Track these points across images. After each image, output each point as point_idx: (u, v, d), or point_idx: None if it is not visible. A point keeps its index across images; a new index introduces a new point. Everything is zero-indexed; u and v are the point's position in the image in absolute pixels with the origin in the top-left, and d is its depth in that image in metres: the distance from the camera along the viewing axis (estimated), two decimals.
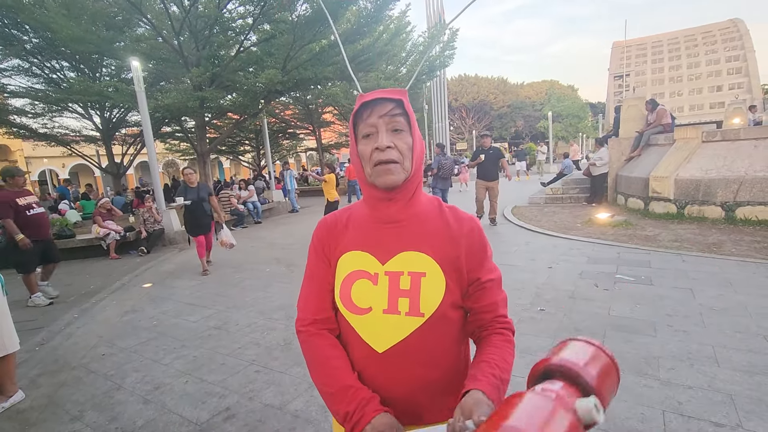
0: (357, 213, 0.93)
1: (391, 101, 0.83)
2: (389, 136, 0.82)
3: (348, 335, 0.88)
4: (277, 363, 2.96)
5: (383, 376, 0.83)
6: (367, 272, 0.85)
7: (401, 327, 0.81)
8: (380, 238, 0.87)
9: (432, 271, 0.83)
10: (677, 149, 7.28)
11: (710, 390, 2.26)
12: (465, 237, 0.87)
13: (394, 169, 0.82)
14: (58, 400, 2.69)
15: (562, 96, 53.11)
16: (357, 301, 0.84)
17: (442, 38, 17.52)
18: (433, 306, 0.81)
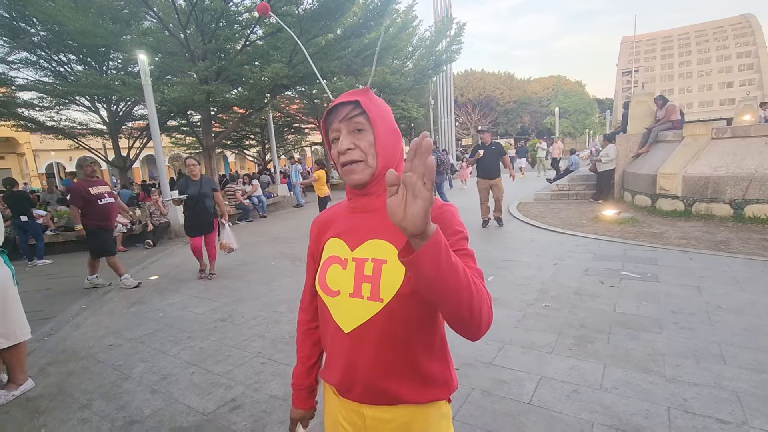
0: (342, 206, 1.01)
1: (350, 104, 0.87)
2: (350, 137, 0.87)
3: (323, 315, 0.95)
4: (282, 355, 2.98)
5: (349, 354, 0.89)
6: (339, 258, 0.92)
7: (364, 310, 0.86)
8: (353, 226, 0.94)
9: (393, 258, 0.85)
10: (686, 146, 7.19)
11: (716, 387, 2.25)
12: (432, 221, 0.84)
13: (356, 169, 0.87)
14: (67, 389, 2.73)
15: (569, 92, 52.61)
16: (330, 284, 0.91)
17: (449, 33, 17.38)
18: (391, 292, 0.84)
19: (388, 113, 0.92)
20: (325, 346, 0.98)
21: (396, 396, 0.87)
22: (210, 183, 5.25)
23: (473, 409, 2.19)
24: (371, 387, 0.88)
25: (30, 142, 23.59)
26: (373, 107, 0.88)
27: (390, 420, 0.89)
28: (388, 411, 0.89)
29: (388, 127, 0.90)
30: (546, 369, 2.55)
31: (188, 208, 5.17)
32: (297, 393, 1.08)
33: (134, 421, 2.31)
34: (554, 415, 2.10)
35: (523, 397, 2.28)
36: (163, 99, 9.33)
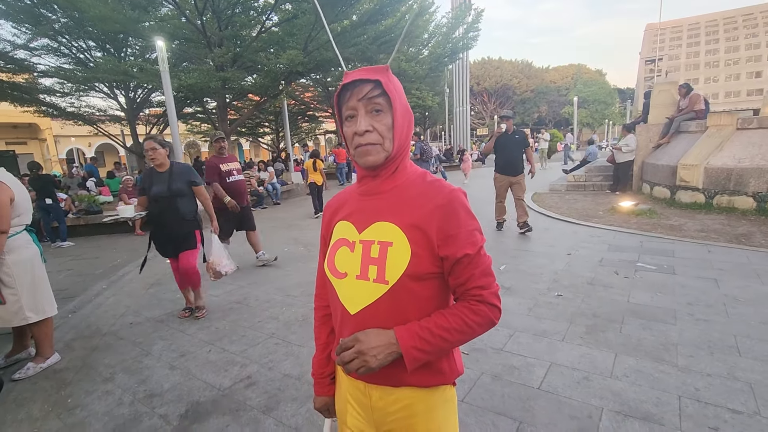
0: (352, 189, 1.01)
1: (369, 82, 0.84)
2: (368, 118, 0.85)
3: (332, 296, 0.96)
4: (295, 337, 3.05)
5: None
6: (347, 240, 0.93)
7: (370, 292, 0.86)
8: (361, 209, 0.94)
9: (398, 240, 0.85)
10: (709, 136, 6.98)
11: (729, 378, 2.23)
12: (439, 209, 0.86)
13: (372, 150, 0.86)
14: (91, 363, 2.85)
15: (589, 81, 51.32)
16: (338, 266, 0.92)
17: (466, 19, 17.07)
18: (396, 274, 0.84)
19: (403, 93, 0.91)
20: (335, 327, 0.99)
21: (400, 378, 0.88)
22: (185, 174, 3.47)
23: (483, 393, 2.22)
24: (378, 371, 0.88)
25: (51, 128, 24.15)
26: (393, 88, 0.86)
27: (395, 401, 0.91)
28: (392, 392, 0.90)
29: (404, 109, 0.89)
30: (557, 356, 2.55)
31: (153, 216, 3.46)
32: (318, 381, 1.09)
33: (154, 394, 2.41)
34: (563, 401, 2.12)
35: (532, 382, 2.29)
36: (179, 85, 9.44)
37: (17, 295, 2.63)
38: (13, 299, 2.62)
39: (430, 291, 0.88)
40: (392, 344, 0.81)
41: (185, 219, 3.46)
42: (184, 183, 3.46)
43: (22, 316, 2.66)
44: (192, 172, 3.57)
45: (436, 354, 0.84)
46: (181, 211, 3.42)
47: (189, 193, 3.50)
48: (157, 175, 3.41)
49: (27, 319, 2.68)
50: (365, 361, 0.80)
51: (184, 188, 3.45)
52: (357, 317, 0.88)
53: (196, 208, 3.59)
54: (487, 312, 0.86)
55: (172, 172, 3.42)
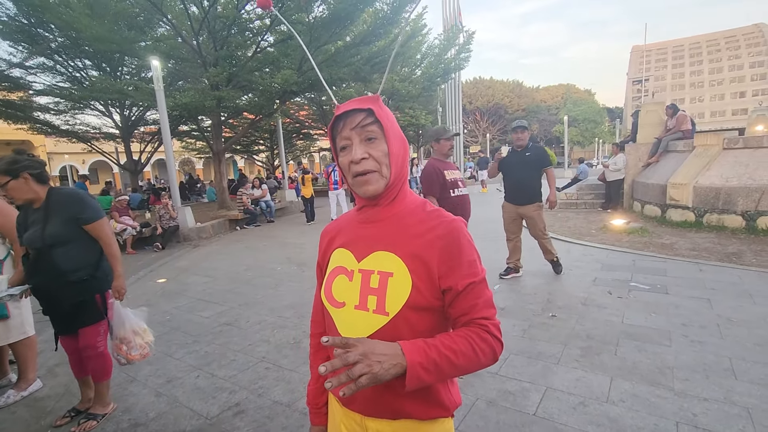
0: (351, 215, 0.99)
1: (362, 111, 0.84)
2: (363, 146, 0.84)
3: (329, 325, 0.94)
4: (286, 361, 2.98)
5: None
6: (345, 269, 0.91)
7: (369, 323, 0.84)
8: (360, 236, 0.92)
9: (399, 271, 0.84)
10: (697, 156, 7.12)
11: (726, 403, 2.20)
12: (440, 239, 0.84)
13: (371, 179, 0.85)
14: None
15: (578, 100, 52.48)
16: (336, 295, 0.90)
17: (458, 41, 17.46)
18: (397, 306, 0.82)
19: (395, 122, 0.91)
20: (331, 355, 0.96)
21: (398, 410, 0.86)
22: (67, 207, 2.20)
23: (477, 420, 2.17)
24: (374, 400, 0.87)
25: (45, 145, 24.04)
26: (384, 116, 0.86)
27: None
28: (389, 425, 0.88)
29: (398, 136, 0.89)
30: (552, 380, 2.52)
31: (27, 274, 2.26)
32: (314, 411, 1.06)
33: (139, 423, 2.33)
34: (560, 428, 2.08)
35: (528, 408, 2.25)
36: (174, 104, 9.48)
37: (20, 308, 2.64)
38: (17, 312, 2.63)
39: (429, 323, 0.86)
40: (398, 356, 0.74)
41: (69, 280, 2.17)
42: (65, 222, 2.16)
43: (22, 330, 2.66)
44: (80, 203, 2.21)
45: (440, 377, 0.78)
46: (61, 267, 2.15)
47: (75, 238, 2.18)
48: (32, 213, 2.20)
49: (26, 333, 2.67)
50: (369, 366, 0.70)
51: (64, 231, 2.15)
52: None
53: (93, 259, 2.25)
54: (492, 342, 0.82)
55: (48, 206, 2.17)
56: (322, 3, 9.98)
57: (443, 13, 23.71)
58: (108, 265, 2.31)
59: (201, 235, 9.03)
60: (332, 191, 10.15)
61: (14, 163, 2.08)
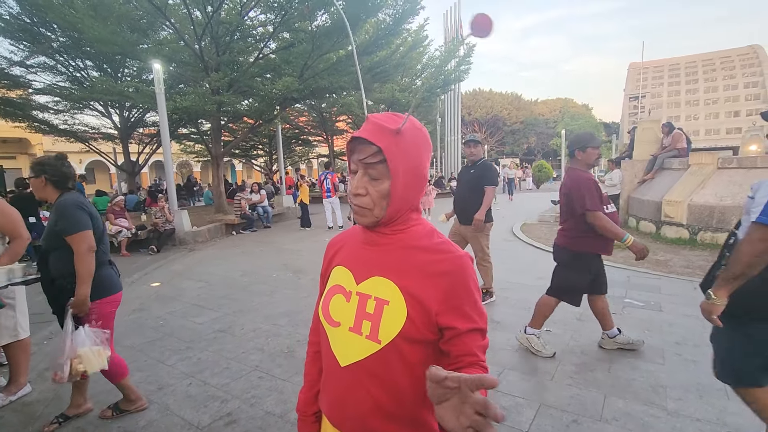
0: (357, 231, 0.96)
1: (372, 146, 0.80)
2: (364, 180, 0.82)
3: (323, 342, 0.94)
4: (280, 370, 2.96)
5: (341, 388, 0.88)
6: (343, 288, 0.90)
7: (361, 347, 0.84)
8: (361, 258, 0.91)
9: (395, 300, 0.82)
10: (692, 174, 7.20)
11: (719, 424, 2.21)
12: (445, 276, 0.81)
13: (364, 213, 0.85)
14: (64, 395, 2.71)
15: (576, 114, 53.04)
16: (332, 314, 0.90)
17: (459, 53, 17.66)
18: (389, 335, 0.81)
19: (416, 156, 0.83)
20: (323, 373, 0.97)
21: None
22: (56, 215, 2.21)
23: None
24: (361, 425, 0.86)
25: (42, 144, 23.93)
26: (398, 154, 0.80)
27: None
28: None
29: (410, 176, 0.82)
30: (546, 396, 2.51)
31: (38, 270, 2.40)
32: (303, 419, 1.05)
33: (128, 431, 2.30)
34: None
35: (522, 425, 2.24)
36: (174, 107, 9.50)
37: (14, 309, 2.63)
38: (11, 314, 2.62)
39: (422, 355, 0.83)
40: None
41: (58, 284, 2.24)
42: (51, 229, 2.21)
43: (14, 332, 2.64)
44: (60, 213, 2.18)
45: None
46: (51, 272, 2.26)
47: (61, 245, 2.18)
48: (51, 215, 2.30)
49: (17, 336, 2.66)
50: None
51: (52, 237, 2.20)
52: (346, 370, 0.86)
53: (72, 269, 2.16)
54: None
55: (53, 211, 2.25)
56: (325, 12, 10.09)
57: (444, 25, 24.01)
58: (99, 275, 2.24)
59: (197, 239, 8.98)
60: (326, 199, 10.17)
61: (40, 164, 2.26)
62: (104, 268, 2.31)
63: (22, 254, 2.62)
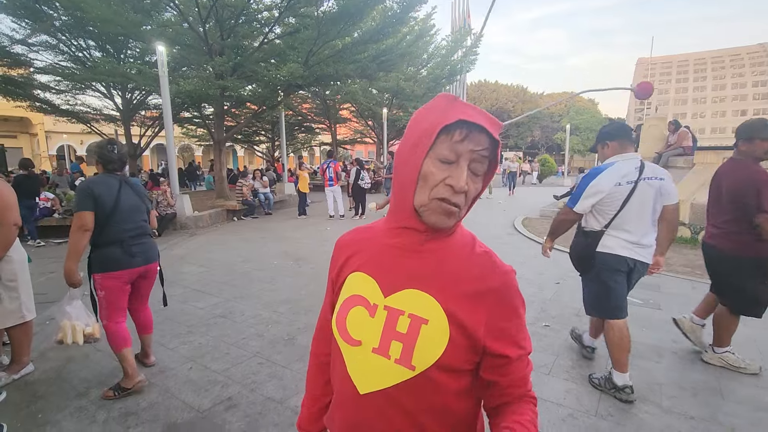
0: (378, 231, 0.82)
1: (490, 138, 0.69)
2: (468, 176, 0.69)
3: (336, 361, 0.80)
4: (280, 357, 2.99)
5: (359, 418, 0.75)
6: (368, 301, 0.75)
7: (388, 373, 0.70)
8: (389, 264, 0.76)
9: (436, 320, 0.69)
10: (696, 173, 7.17)
11: (713, 422, 2.23)
12: (493, 292, 0.71)
13: (453, 213, 0.70)
14: (66, 376, 2.75)
15: (581, 109, 52.58)
16: (350, 330, 0.75)
17: (465, 43, 17.45)
18: (427, 361, 0.68)
19: None
20: (335, 401, 0.83)
21: None
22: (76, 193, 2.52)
23: None
24: None
25: (43, 123, 23.87)
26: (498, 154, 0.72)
27: None
28: None
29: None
30: (542, 390, 2.54)
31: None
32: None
33: (130, 413, 2.33)
34: None
35: None
36: (178, 91, 9.42)
37: (17, 291, 2.61)
38: (14, 296, 2.60)
39: (460, 385, 0.72)
40: None
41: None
42: None
43: (19, 315, 2.64)
44: (76, 192, 2.55)
45: None
46: None
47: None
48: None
49: (23, 318, 2.66)
50: None
51: None
52: (366, 399, 0.73)
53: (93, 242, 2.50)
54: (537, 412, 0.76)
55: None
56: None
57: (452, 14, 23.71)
58: (102, 252, 2.49)
59: (198, 224, 9.00)
60: (328, 188, 10.15)
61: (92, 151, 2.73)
62: (110, 246, 2.49)
63: (12, 241, 2.51)
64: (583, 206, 2.45)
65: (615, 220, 2.40)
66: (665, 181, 2.39)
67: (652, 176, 2.37)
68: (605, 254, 2.47)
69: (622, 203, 2.35)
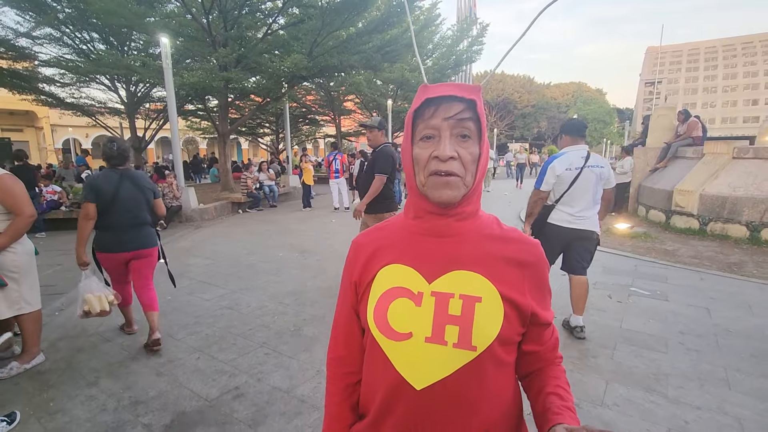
0: (398, 224, 0.82)
1: (462, 101, 0.69)
2: (453, 143, 0.70)
3: (377, 365, 0.75)
4: (286, 347, 3.01)
5: (416, 418, 0.71)
6: (410, 291, 0.73)
7: (447, 361, 0.68)
8: (428, 252, 0.75)
9: (489, 296, 0.70)
10: (705, 163, 7.07)
11: (719, 412, 2.23)
12: (532, 266, 0.75)
13: (453, 183, 0.70)
14: (76, 365, 2.80)
15: (589, 99, 51.96)
16: (394, 324, 0.72)
17: (471, 33, 17.23)
18: (488, 339, 0.68)
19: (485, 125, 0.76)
20: (371, 404, 0.78)
21: None
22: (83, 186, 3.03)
23: None
24: None
25: (48, 117, 23.98)
26: (483, 114, 0.72)
27: None
28: None
29: (487, 140, 0.75)
30: None
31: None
32: None
33: (139, 401, 2.37)
34: None
35: None
36: (182, 83, 9.40)
37: (18, 283, 2.62)
38: (14, 287, 2.61)
39: (512, 357, 0.76)
40: None
41: None
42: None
43: (18, 306, 2.64)
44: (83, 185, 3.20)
45: None
46: None
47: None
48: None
49: (21, 310, 2.67)
50: None
51: None
52: (425, 394, 0.70)
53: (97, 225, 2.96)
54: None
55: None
56: None
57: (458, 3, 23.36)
58: (101, 235, 2.95)
59: (204, 216, 9.05)
60: (333, 180, 10.13)
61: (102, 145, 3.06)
62: (108, 231, 2.92)
63: (25, 231, 2.57)
64: (547, 185, 3.07)
65: (563, 197, 3.05)
66: (605, 169, 3.04)
67: (595, 164, 2.99)
68: (551, 224, 3.14)
69: (569, 184, 3.00)
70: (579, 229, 3.06)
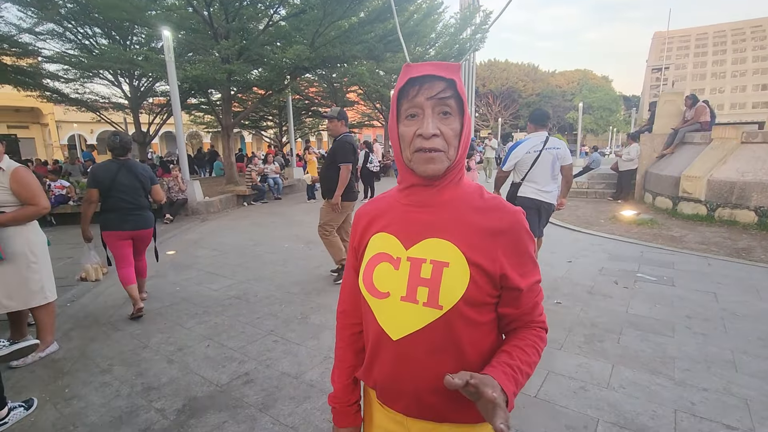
0: (393, 197, 0.90)
1: (442, 80, 0.75)
2: (436, 120, 0.75)
3: (367, 318, 0.87)
4: (294, 335, 3.05)
5: (396, 363, 0.82)
6: (390, 256, 0.83)
7: (418, 317, 0.78)
8: (408, 221, 0.83)
9: (456, 261, 0.77)
10: (713, 149, 6.98)
11: (725, 393, 2.23)
12: (504, 234, 0.79)
13: (437, 158, 0.76)
14: (89, 353, 2.85)
15: (594, 86, 51.29)
16: (378, 285, 0.82)
17: (474, 21, 17.02)
18: (452, 299, 0.76)
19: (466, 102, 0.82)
20: (368, 351, 0.89)
21: (444, 414, 0.82)
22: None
23: None
24: (418, 401, 0.82)
25: (53, 113, 24.07)
26: (462, 90, 0.77)
27: None
28: (434, 428, 0.83)
29: (469, 115, 0.81)
30: (554, 365, 2.56)
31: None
32: (343, 410, 0.96)
33: (152, 387, 2.42)
34: (559, 410, 2.13)
35: (529, 390, 2.30)
36: (184, 76, 9.41)
37: (39, 273, 2.69)
38: (36, 277, 2.68)
39: (484, 318, 0.80)
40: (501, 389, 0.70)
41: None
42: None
43: (43, 295, 2.72)
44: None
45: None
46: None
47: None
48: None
49: (47, 298, 2.75)
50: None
51: None
52: (400, 344, 0.80)
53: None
54: (545, 338, 0.86)
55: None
56: None
57: None
58: (104, 216, 3.38)
59: (209, 209, 9.11)
60: None
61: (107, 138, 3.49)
62: (110, 213, 3.35)
63: (32, 219, 2.64)
64: (509, 166, 3.67)
65: (528, 175, 3.60)
66: (560, 150, 3.55)
67: (551, 147, 3.52)
68: (521, 197, 3.63)
69: (531, 164, 3.54)
70: (543, 201, 3.60)
